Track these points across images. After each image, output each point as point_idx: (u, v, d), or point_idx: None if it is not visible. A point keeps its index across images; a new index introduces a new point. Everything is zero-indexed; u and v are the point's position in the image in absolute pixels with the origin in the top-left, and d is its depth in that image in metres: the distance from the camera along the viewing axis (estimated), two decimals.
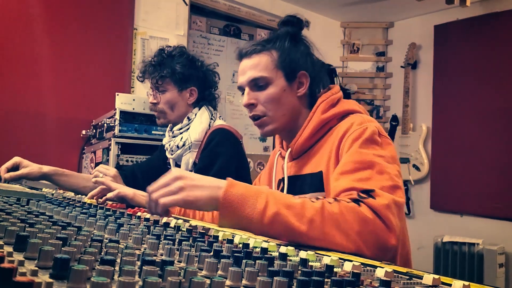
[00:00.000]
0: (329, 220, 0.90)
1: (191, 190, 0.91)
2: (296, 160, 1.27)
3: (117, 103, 2.32)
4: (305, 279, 0.46)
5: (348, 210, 0.91)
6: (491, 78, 3.61)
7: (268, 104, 1.23)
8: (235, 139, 1.81)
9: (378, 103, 4.39)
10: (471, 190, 3.61)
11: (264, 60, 1.24)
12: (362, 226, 0.90)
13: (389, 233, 0.93)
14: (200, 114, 1.85)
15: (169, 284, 0.40)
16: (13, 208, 0.81)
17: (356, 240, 0.90)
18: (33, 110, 2.63)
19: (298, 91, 1.26)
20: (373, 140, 1.09)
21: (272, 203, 0.90)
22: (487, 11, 3.65)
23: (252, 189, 0.92)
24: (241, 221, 0.89)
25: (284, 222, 0.88)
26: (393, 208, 0.96)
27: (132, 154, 2.28)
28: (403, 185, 1.09)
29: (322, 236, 0.89)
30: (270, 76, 1.23)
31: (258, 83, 1.23)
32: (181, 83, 1.82)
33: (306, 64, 1.26)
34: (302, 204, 0.91)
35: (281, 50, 1.24)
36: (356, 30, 4.43)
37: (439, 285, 0.58)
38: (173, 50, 1.86)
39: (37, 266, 0.43)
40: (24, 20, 2.63)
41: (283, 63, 1.23)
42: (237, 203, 0.89)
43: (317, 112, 1.22)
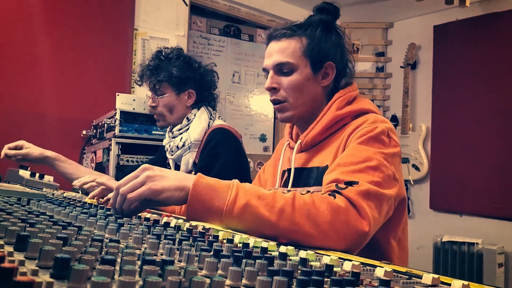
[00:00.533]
0: (300, 210, 0.88)
1: (158, 180, 0.89)
2: (304, 152, 1.25)
3: (118, 103, 2.32)
4: (305, 278, 0.46)
5: (321, 201, 0.90)
6: (491, 78, 3.61)
7: (290, 90, 1.21)
8: (235, 138, 1.82)
9: (377, 103, 4.38)
10: (471, 190, 3.61)
11: (293, 45, 1.21)
12: (334, 216, 0.89)
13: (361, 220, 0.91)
14: (199, 115, 1.85)
15: (169, 283, 0.40)
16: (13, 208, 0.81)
17: (327, 230, 0.88)
18: (33, 110, 2.63)
19: (323, 81, 1.23)
20: (379, 139, 1.08)
21: (242, 194, 0.88)
22: (487, 11, 3.65)
23: (221, 182, 0.91)
24: (210, 213, 0.88)
25: (254, 212, 0.87)
26: (371, 198, 0.94)
27: (133, 154, 2.29)
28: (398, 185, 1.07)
29: (292, 227, 0.87)
30: (296, 62, 1.20)
31: (283, 68, 1.21)
32: (179, 86, 1.84)
33: (335, 55, 1.24)
34: (273, 195, 0.90)
35: (312, 38, 1.21)
36: (356, 30, 4.43)
37: (438, 284, 0.58)
38: (170, 53, 1.87)
39: (38, 266, 0.43)
40: (24, 20, 2.63)
41: (311, 52, 1.21)
42: (207, 194, 0.87)
43: (332, 108, 1.20)
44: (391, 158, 1.07)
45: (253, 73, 4.09)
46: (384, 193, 0.99)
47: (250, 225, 0.88)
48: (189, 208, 0.88)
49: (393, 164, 1.07)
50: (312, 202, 0.90)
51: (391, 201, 1.04)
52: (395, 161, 1.09)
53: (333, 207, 0.90)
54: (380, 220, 1.00)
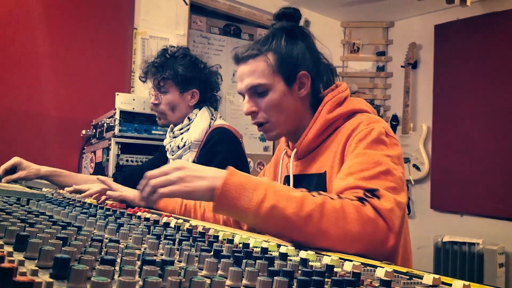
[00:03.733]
0: (328, 216, 0.87)
1: (190, 181, 0.89)
2: (301, 160, 1.25)
3: (117, 103, 2.32)
4: (305, 279, 0.46)
5: (351, 208, 0.90)
6: (491, 78, 3.60)
7: (269, 110, 1.19)
8: (235, 138, 1.81)
9: (378, 103, 4.38)
10: (471, 190, 3.61)
11: (261, 66, 1.18)
12: (363, 225, 0.89)
13: (389, 234, 0.92)
14: (200, 114, 1.85)
15: (169, 284, 0.40)
16: (13, 208, 0.81)
17: (354, 239, 0.88)
18: (33, 110, 2.63)
19: (300, 92, 1.21)
20: (380, 141, 1.08)
21: (271, 195, 0.87)
22: (487, 11, 3.65)
23: (252, 180, 0.89)
24: (237, 212, 0.87)
25: (280, 215, 0.86)
26: (396, 210, 0.95)
27: (132, 154, 2.28)
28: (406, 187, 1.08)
29: (318, 233, 0.87)
30: (269, 82, 1.17)
31: (257, 90, 1.19)
32: (183, 85, 1.82)
33: (306, 63, 1.21)
34: (303, 198, 0.89)
35: (278, 51, 1.18)
36: (356, 29, 4.43)
37: (439, 285, 0.58)
38: (176, 51, 1.85)
39: (37, 266, 0.43)
40: (24, 20, 2.63)
41: (280, 67, 1.17)
42: (234, 194, 0.87)
43: (322, 112, 1.19)
44: (398, 159, 1.08)
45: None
46: (402, 202, 1.00)
47: (276, 228, 0.88)
48: (216, 203, 0.88)
49: (400, 164, 1.08)
50: (342, 209, 0.89)
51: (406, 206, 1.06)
52: (401, 161, 1.10)
53: (363, 217, 0.90)
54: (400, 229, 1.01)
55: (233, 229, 0.94)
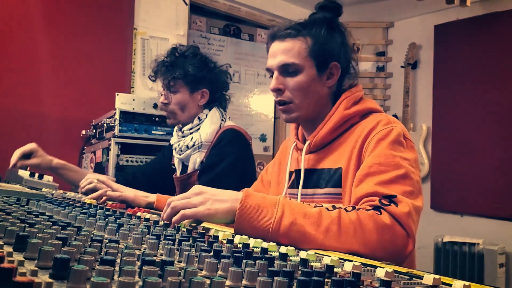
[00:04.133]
0: (346, 229, 0.90)
1: (211, 204, 0.93)
2: (314, 153, 1.25)
3: (117, 103, 2.32)
4: (305, 279, 0.46)
5: (368, 219, 0.92)
6: (491, 78, 3.60)
7: (295, 91, 1.21)
8: (245, 140, 1.81)
9: (378, 103, 4.38)
10: (471, 190, 3.61)
11: (298, 46, 1.20)
12: (381, 234, 0.91)
13: (408, 240, 0.94)
14: (211, 115, 1.83)
15: (169, 284, 0.40)
16: (13, 208, 0.81)
17: (374, 248, 0.91)
18: (33, 110, 2.63)
19: (328, 82, 1.23)
20: (399, 142, 1.09)
21: (288, 213, 0.90)
22: (487, 11, 3.65)
23: (267, 200, 0.93)
24: (257, 232, 0.90)
25: (300, 231, 0.89)
26: (413, 215, 0.97)
27: (132, 154, 2.28)
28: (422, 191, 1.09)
29: (339, 245, 0.90)
30: (302, 63, 1.20)
31: (288, 69, 1.21)
32: (193, 84, 1.81)
33: (339, 55, 1.24)
34: (319, 213, 0.92)
35: (316, 38, 1.21)
36: (356, 30, 4.43)
37: (439, 285, 0.57)
38: (186, 50, 1.84)
39: (37, 266, 0.43)
40: (24, 20, 2.63)
41: (316, 52, 1.20)
42: (253, 214, 0.91)
43: (340, 108, 1.20)
44: (415, 163, 1.09)
45: (253, 73, 4.08)
46: (419, 206, 1.02)
47: (296, 242, 0.90)
48: (236, 227, 0.92)
49: (417, 168, 1.09)
50: (358, 220, 0.92)
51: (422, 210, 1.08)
52: (418, 164, 1.12)
53: (380, 225, 0.92)
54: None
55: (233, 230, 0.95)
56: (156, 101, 2.37)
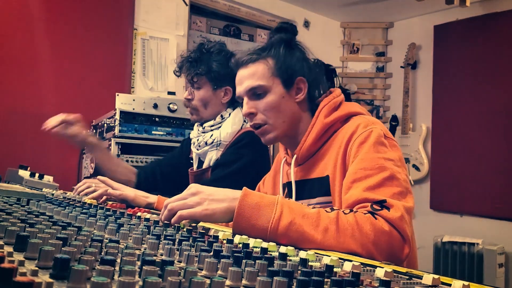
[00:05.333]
0: (344, 230, 0.91)
1: (208, 204, 0.93)
2: (302, 165, 1.27)
3: (117, 103, 2.32)
4: (305, 279, 0.46)
5: (364, 221, 0.93)
6: (491, 78, 3.61)
7: (267, 112, 1.23)
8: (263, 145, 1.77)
9: (378, 103, 4.39)
10: (471, 190, 3.61)
11: (261, 68, 1.23)
12: (378, 236, 0.92)
13: (404, 244, 0.95)
14: (234, 115, 1.80)
15: (169, 284, 0.40)
16: (13, 208, 0.81)
17: (371, 250, 0.91)
18: (33, 110, 2.63)
19: (297, 97, 1.25)
20: (381, 143, 1.09)
21: (286, 213, 0.91)
22: (487, 11, 3.65)
23: (266, 199, 0.93)
24: (255, 231, 0.90)
25: (298, 231, 0.90)
26: (406, 218, 0.98)
27: (132, 154, 2.28)
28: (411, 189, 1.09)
29: (338, 245, 0.90)
30: (268, 84, 1.22)
31: (256, 91, 1.23)
32: (217, 81, 1.79)
33: (303, 70, 1.26)
34: (318, 214, 0.92)
35: (277, 57, 1.24)
36: (356, 30, 4.43)
37: (438, 285, 0.58)
38: (212, 47, 1.82)
39: (37, 266, 0.43)
40: (24, 20, 2.63)
41: (279, 70, 1.23)
42: (251, 213, 0.91)
43: (320, 117, 1.21)
44: (400, 161, 1.09)
45: None
46: (410, 207, 1.02)
47: (295, 242, 0.90)
48: (235, 227, 0.91)
49: (403, 166, 1.09)
50: (356, 222, 0.92)
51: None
52: (403, 163, 1.11)
53: (377, 228, 0.92)
54: None
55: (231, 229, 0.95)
56: (156, 102, 2.38)
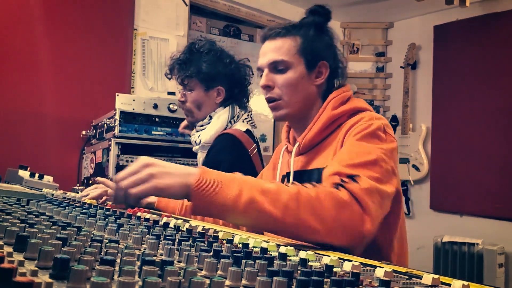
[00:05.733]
0: (305, 205, 0.88)
1: (161, 177, 0.87)
2: (303, 154, 1.26)
3: (117, 103, 2.32)
4: (305, 279, 0.46)
5: (325, 195, 0.90)
6: (491, 79, 3.61)
7: (284, 88, 1.23)
8: (241, 146, 1.73)
9: (377, 103, 4.39)
10: (471, 190, 3.61)
11: (287, 44, 1.23)
12: (338, 211, 0.89)
13: (365, 217, 0.92)
14: (218, 116, 1.78)
15: (169, 284, 0.40)
16: (13, 208, 0.81)
17: (331, 225, 0.88)
18: (33, 110, 2.63)
19: (316, 80, 1.25)
20: (375, 135, 1.09)
21: (246, 189, 0.87)
22: (487, 12, 3.65)
23: (225, 176, 0.89)
24: (215, 208, 0.87)
25: (258, 208, 0.86)
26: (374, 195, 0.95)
27: (132, 154, 2.28)
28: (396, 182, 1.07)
29: (297, 222, 0.87)
30: (291, 60, 1.22)
31: (277, 66, 1.23)
32: (208, 82, 1.76)
33: (328, 55, 1.26)
34: (277, 189, 0.89)
35: (305, 37, 1.24)
36: (356, 30, 4.43)
37: (438, 285, 0.58)
38: (201, 46, 1.79)
39: (37, 266, 0.43)
40: (24, 21, 2.63)
41: (305, 50, 1.23)
42: (210, 189, 0.86)
43: (327, 108, 1.21)
44: (390, 153, 1.08)
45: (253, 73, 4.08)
46: (385, 190, 1.00)
47: (254, 221, 0.88)
48: (193, 204, 0.88)
49: (392, 158, 1.08)
50: (317, 196, 0.90)
51: (391, 197, 1.05)
52: (394, 156, 1.10)
53: (338, 202, 0.90)
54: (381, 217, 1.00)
55: (233, 229, 0.95)
56: (156, 102, 2.38)
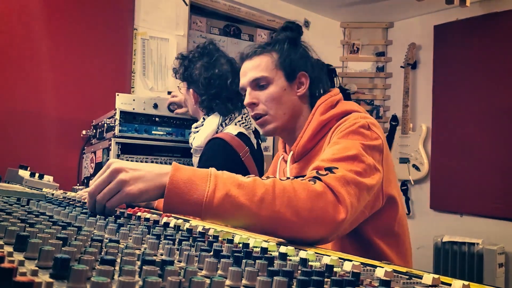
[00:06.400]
0: (280, 197, 0.88)
1: (133, 183, 0.85)
2: (298, 162, 1.28)
3: (117, 103, 2.32)
4: (305, 278, 0.46)
5: (300, 187, 0.90)
6: (491, 78, 3.61)
7: (269, 103, 1.26)
8: (232, 151, 1.72)
9: (378, 103, 4.39)
10: (471, 190, 3.61)
11: (265, 60, 1.27)
12: (313, 202, 0.89)
13: (338, 206, 0.91)
14: (209, 119, 1.83)
15: (169, 284, 0.40)
16: (13, 208, 0.81)
17: (306, 217, 0.88)
18: (33, 110, 2.63)
19: (298, 91, 1.28)
20: (358, 132, 1.10)
21: (221, 184, 0.86)
22: (487, 11, 3.65)
23: (199, 172, 0.88)
24: (189, 207, 0.85)
25: (234, 203, 0.85)
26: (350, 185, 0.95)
27: (132, 154, 2.28)
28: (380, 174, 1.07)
29: (272, 214, 0.87)
30: (271, 76, 1.26)
31: (259, 82, 1.27)
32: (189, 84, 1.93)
33: (306, 66, 1.29)
34: (253, 183, 0.89)
35: (281, 51, 1.27)
36: (356, 30, 4.43)
37: (438, 284, 0.58)
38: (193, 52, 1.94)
39: (37, 266, 0.43)
40: (24, 20, 2.63)
41: (283, 63, 1.26)
42: (184, 188, 0.85)
43: (316, 114, 1.23)
44: (370, 150, 1.08)
45: None
46: (363, 182, 0.99)
47: (230, 216, 0.87)
48: (166, 203, 0.86)
49: (372, 156, 1.07)
50: (293, 189, 0.90)
51: (373, 190, 1.05)
52: (374, 153, 1.09)
53: (312, 194, 0.90)
54: (359, 208, 1.00)
55: (233, 229, 0.94)
56: (156, 101, 2.38)
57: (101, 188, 0.87)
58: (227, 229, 0.98)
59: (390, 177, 1.15)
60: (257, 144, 1.91)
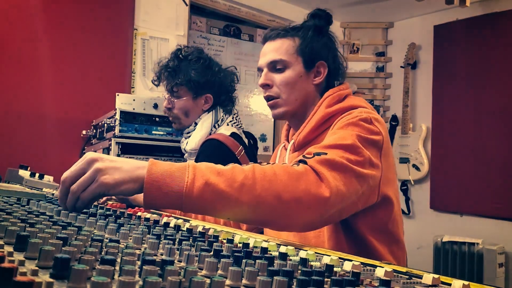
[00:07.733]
0: (261, 181, 0.86)
1: (110, 173, 0.83)
2: (298, 151, 1.27)
3: (117, 103, 2.32)
4: (305, 278, 0.46)
5: (282, 170, 0.89)
6: (491, 78, 3.61)
7: (282, 86, 1.26)
8: (228, 152, 1.72)
9: (377, 103, 4.39)
10: (471, 190, 3.61)
11: (286, 44, 1.27)
12: (293, 183, 0.87)
13: (320, 184, 0.89)
14: (202, 122, 1.81)
15: (169, 283, 0.40)
16: (13, 208, 0.81)
17: (288, 200, 0.86)
18: (33, 110, 2.63)
19: (315, 79, 1.28)
20: (358, 124, 1.08)
21: (200, 174, 0.85)
22: (487, 11, 3.65)
23: (177, 165, 0.87)
24: (169, 199, 0.83)
25: (215, 190, 0.84)
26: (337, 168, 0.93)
27: (133, 154, 2.28)
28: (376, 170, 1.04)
29: (254, 200, 0.85)
30: (289, 60, 1.25)
31: (276, 65, 1.26)
32: (196, 90, 1.80)
33: (326, 56, 1.29)
34: (232, 170, 0.87)
35: (304, 38, 1.27)
36: (356, 30, 4.43)
37: (438, 284, 0.58)
38: (189, 54, 1.82)
39: (38, 266, 0.43)
40: (24, 20, 2.63)
41: (303, 50, 1.26)
42: (163, 179, 0.83)
43: (322, 106, 1.23)
44: (368, 143, 1.05)
45: (253, 73, 4.09)
46: (353, 168, 0.96)
47: (211, 205, 0.85)
48: (146, 196, 0.84)
49: (369, 150, 1.04)
50: (273, 172, 0.88)
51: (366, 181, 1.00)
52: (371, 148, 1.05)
53: (293, 175, 0.88)
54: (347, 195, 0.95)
55: (233, 229, 0.94)
56: (157, 101, 2.38)
57: (76, 177, 0.85)
58: (227, 229, 0.98)
59: (389, 176, 1.12)
60: (248, 143, 1.92)
